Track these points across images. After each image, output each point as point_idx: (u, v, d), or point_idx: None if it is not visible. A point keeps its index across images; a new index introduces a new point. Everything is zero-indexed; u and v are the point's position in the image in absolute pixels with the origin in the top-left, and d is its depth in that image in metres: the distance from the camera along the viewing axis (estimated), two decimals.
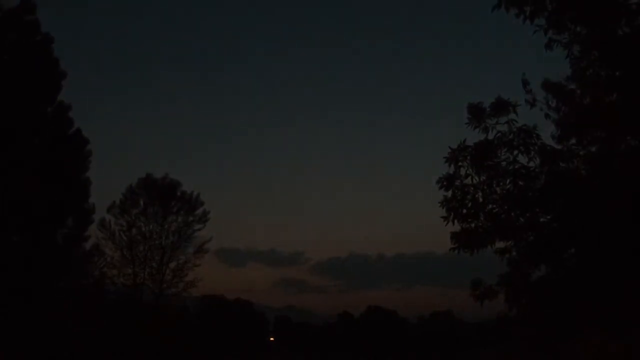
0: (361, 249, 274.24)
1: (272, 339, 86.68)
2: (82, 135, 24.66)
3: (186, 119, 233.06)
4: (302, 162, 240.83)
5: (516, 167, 9.89)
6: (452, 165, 9.97)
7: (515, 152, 9.85)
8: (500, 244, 10.33)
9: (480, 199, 9.99)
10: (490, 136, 10.06)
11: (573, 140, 10.72)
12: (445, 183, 9.98)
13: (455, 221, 9.95)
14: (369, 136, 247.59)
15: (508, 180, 9.89)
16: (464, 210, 9.92)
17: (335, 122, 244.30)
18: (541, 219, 10.16)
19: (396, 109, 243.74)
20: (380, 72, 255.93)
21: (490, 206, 9.97)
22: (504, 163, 9.93)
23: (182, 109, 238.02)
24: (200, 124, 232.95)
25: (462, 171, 9.99)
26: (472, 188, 10.00)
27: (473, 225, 9.97)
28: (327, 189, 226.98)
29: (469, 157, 9.89)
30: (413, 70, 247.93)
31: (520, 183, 9.88)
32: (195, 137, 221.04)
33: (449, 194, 10.00)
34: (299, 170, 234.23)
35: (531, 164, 9.87)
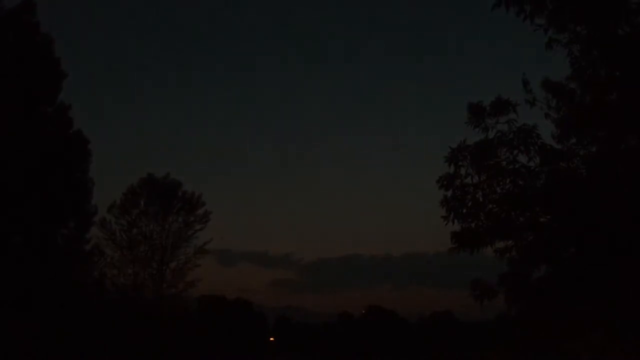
0: (352, 249, 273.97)
1: (272, 339, 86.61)
2: (83, 135, 24.70)
3: (185, 119, 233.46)
4: (295, 161, 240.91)
5: (516, 166, 9.89)
6: (452, 165, 9.98)
7: (515, 151, 9.86)
8: (500, 244, 10.35)
9: (480, 199, 10.00)
10: (490, 136, 10.08)
11: (573, 140, 10.71)
12: (445, 182, 10.00)
13: (455, 221, 9.97)
14: (364, 136, 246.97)
15: (508, 180, 9.90)
16: (464, 210, 9.93)
17: (329, 123, 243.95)
18: (541, 219, 10.16)
19: (393, 109, 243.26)
20: (377, 71, 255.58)
21: (490, 206, 9.98)
22: (504, 162, 9.94)
23: (182, 109, 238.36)
24: (197, 124, 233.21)
25: (462, 171, 10.01)
26: (472, 187, 10.01)
27: (473, 224, 9.98)
28: (319, 189, 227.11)
29: (469, 157, 9.90)
30: (412, 69, 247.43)
31: (520, 183, 9.89)
32: (194, 137, 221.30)
33: (449, 193, 10.02)
34: (291, 170, 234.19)
35: (531, 163, 9.88)
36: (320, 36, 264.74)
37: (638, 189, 9.04)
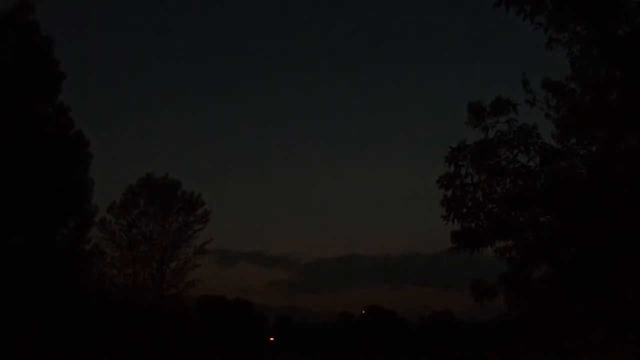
0: (352, 249, 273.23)
1: (272, 339, 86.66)
2: (83, 136, 24.72)
3: (185, 119, 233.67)
4: (294, 161, 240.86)
5: (516, 166, 9.90)
6: (452, 165, 9.99)
7: (515, 151, 9.86)
8: (500, 244, 10.36)
9: (481, 199, 10.01)
10: (491, 135, 10.09)
11: (573, 140, 10.73)
12: (445, 182, 10.01)
13: (455, 220, 9.97)
14: (364, 136, 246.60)
15: (508, 180, 9.91)
16: (464, 210, 9.94)
17: (329, 123, 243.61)
18: (541, 219, 10.17)
19: (393, 108, 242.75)
20: (377, 71, 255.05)
21: (490, 206, 9.99)
22: (504, 162, 9.95)
23: (181, 109, 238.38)
24: (197, 124, 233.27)
25: (462, 170, 10.02)
26: (472, 187, 10.02)
27: (473, 224, 9.99)
28: (319, 189, 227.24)
29: (469, 157, 9.91)
30: (412, 69, 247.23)
31: (521, 182, 9.90)
32: (194, 137, 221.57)
33: (449, 193, 10.03)
34: (291, 170, 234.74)
35: (531, 163, 9.88)
36: (321, 37, 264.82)
37: (638, 189, 9.05)
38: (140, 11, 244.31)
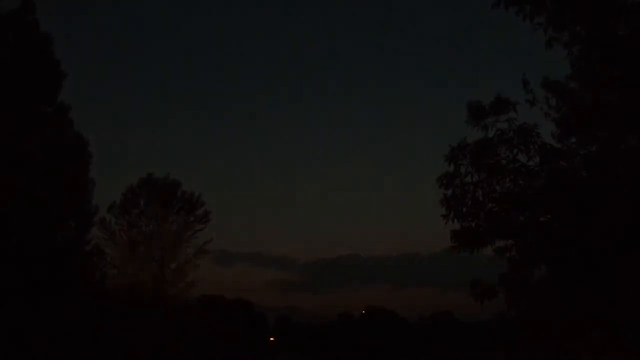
0: (351, 249, 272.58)
1: (272, 339, 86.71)
2: (83, 136, 24.72)
3: (185, 120, 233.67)
4: (294, 162, 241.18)
5: (516, 165, 9.90)
6: (452, 164, 9.98)
7: (515, 150, 9.86)
8: (500, 243, 10.35)
9: (480, 198, 10.01)
10: (490, 134, 10.08)
11: (573, 139, 10.72)
12: (445, 181, 10.01)
13: (455, 220, 9.97)
14: (364, 137, 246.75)
15: (508, 179, 9.91)
16: (464, 209, 9.94)
17: (329, 123, 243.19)
18: (541, 219, 10.17)
19: (393, 109, 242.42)
20: (377, 71, 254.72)
21: (490, 205, 9.99)
22: (504, 161, 9.95)
23: (182, 110, 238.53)
24: (197, 125, 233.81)
25: (462, 169, 10.01)
26: (472, 186, 10.02)
27: (473, 224, 9.98)
28: (319, 189, 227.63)
29: (469, 156, 9.91)
30: (412, 69, 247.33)
31: (520, 182, 9.90)
32: (194, 137, 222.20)
33: (449, 192, 10.03)
34: (291, 171, 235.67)
35: (531, 162, 9.89)
36: (320, 38, 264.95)
37: (638, 189, 9.05)
38: (141, 12, 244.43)
